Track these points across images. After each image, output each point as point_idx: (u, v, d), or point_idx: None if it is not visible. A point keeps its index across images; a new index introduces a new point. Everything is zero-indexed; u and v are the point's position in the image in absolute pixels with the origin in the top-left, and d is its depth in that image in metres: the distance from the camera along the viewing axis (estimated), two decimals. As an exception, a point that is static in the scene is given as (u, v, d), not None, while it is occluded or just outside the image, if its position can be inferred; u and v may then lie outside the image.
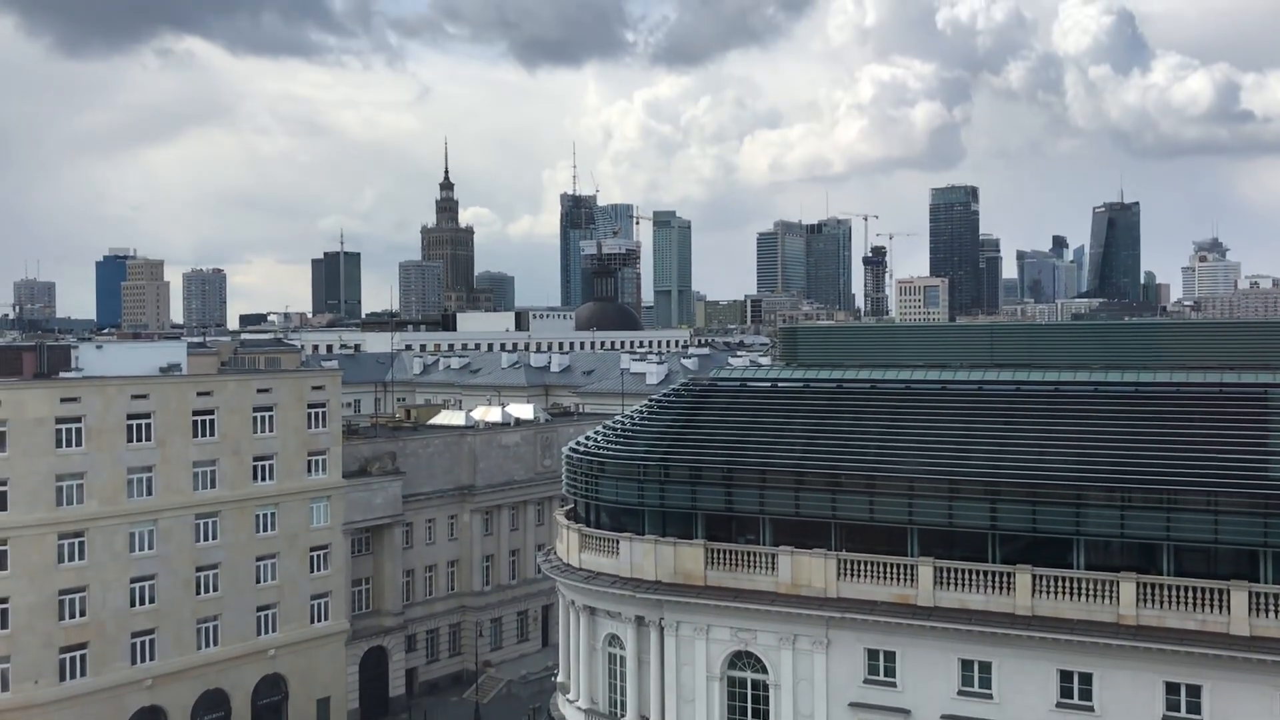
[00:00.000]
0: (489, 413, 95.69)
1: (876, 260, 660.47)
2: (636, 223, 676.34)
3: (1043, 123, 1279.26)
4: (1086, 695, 37.92)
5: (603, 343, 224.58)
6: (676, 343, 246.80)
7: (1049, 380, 45.65)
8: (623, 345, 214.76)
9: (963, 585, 39.77)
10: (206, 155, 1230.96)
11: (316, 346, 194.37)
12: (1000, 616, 38.79)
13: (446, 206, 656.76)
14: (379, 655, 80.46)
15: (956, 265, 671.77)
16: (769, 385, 50.74)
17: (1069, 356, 48.54)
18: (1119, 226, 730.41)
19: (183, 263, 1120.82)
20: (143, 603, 67.54)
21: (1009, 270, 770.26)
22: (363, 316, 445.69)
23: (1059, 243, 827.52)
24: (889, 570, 41.05)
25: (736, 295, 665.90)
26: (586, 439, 49.76)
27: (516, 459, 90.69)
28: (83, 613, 65.13)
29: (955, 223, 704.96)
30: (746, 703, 43.55)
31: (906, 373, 49.03)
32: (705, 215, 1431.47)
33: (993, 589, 39.28)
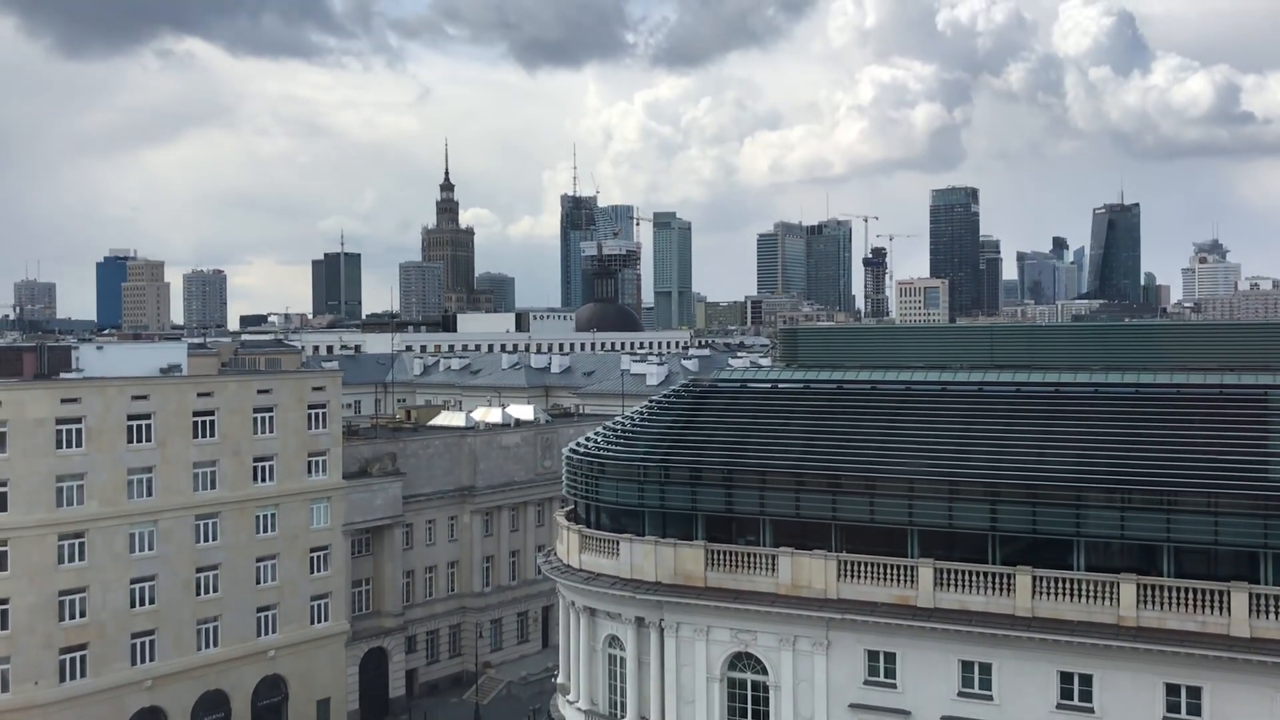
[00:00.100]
0: (489, 414, 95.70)
1: (877, 261, 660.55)
2: (637, 224, 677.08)
3: (1043, 124, 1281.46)
4: (1087, 696, 37.91)
5: (603, 344, 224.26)
6: (677, 344, 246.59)
7: (1049, 381, 45.62)
8: (623, 346, 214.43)
9: (963, 586, 39.75)
10: (207, 156, 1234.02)
11: (317, 347, 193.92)
12: (1000, 618, 38.78)
13: (447, 207, 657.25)
14: (379, 656, 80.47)
15: (957, 266, 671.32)
16: (769, 386, 50.72)
17: (1069, 358, 48.57)
18: (1119, 228, 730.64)
19: (183, 264, 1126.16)
20: (143, 603, 67.58)
21: (1009, 271, 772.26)
22: (363, 317, 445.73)
23: (1059, 244, 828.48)
24: (889, 571, 41.05)
25: (737, 296, 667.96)
26: (587, 440, 49.76)
27: (517, 460, 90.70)
28: (83, 613, 65.15)
29: (955, 224, 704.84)
30: (746, 704, 43.53)
31: (906, 374, 49.00)
32: (705, 216, 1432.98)
33: (993, 590, 39.27)
